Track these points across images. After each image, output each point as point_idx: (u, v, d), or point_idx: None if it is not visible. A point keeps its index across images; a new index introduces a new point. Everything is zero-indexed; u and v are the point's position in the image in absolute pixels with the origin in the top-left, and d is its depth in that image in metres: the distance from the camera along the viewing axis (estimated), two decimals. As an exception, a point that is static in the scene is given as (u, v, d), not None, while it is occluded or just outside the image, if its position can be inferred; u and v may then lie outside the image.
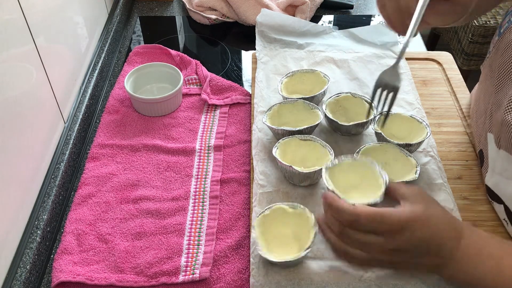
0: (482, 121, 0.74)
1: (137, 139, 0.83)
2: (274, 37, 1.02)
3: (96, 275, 0.64)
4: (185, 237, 0.69)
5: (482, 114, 0.75)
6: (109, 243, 0.68)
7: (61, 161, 0.76)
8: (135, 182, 0.76)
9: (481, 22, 1.92)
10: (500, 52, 0.68)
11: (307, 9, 1.11)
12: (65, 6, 0.84)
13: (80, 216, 0.71)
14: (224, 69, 1.02)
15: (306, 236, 0.62)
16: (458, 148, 0.81)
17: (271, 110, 0.81)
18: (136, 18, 1.17)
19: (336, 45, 1.01)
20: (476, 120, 0.78)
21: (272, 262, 0.62)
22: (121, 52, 1.07)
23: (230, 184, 0.77)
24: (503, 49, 0.68)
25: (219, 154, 0.81)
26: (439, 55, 0.99)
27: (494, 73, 0.69)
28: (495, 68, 0.69)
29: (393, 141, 0.74)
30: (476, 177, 0.76)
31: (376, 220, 0.54)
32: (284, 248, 0.64)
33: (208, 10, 1.14)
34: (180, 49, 1.09)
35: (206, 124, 0.87)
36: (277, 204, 0.66)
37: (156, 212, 0.72)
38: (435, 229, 0.56)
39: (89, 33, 0.96)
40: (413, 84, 0.91)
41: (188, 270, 0.65)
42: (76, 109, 0.85)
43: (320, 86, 0.86)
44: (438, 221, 0.57)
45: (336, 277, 0.62)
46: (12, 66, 0.65)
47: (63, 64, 0.83)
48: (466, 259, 0.56)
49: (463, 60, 2.04)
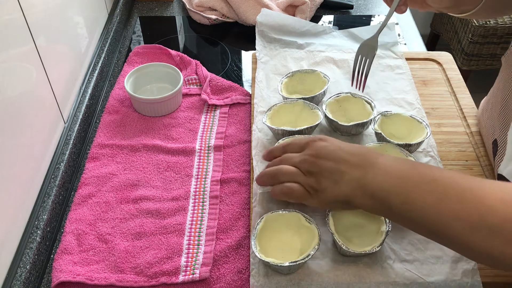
0: (498, 110, 0.74)
1: (137, 139, 0.83)
2: (274, 37, 1.02)
3: (96, 275, 0.64)
4: (185, 237, 0.69)
5: (499, 104, 0.75)
6: (109, 243, 0.68)
7: (61, 161, 0.76)
8: (135, 182, 0.76)
9: (481, 22, 1.92)
10: None
11: (307, 9, 1.11)
12: (65, 6, 0.84)
13: (80, 216, 0.71)
14: (224, 69, 1.02)
15: (308, 245, 0.62)
16: (458, 148, 0.81)
17: (271, 110, 0.81)
18: (136, 18, 1.17)
19: (336, 45, 1.01)
20: (491, 111, 0.78)
21: (272, 267, 0.62)
22: (121, 52, 1.07)
23: (230, 184, 0.77)
24: None
25: (219, 154, 0.81)
26: (439, 55, 0.99)
27: None
28: None
29: (393, 141, 0.74)
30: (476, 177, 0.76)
31: (300, 138, 0.65)
32: (284, 254, 0.64)
33: (208, 10, 1.14)
34: (180, 49, 1.09)
35: (206, 124, 0.87)
36: (293, 211, 0.66)
37: (156, 212, 0.72)
38: (352, 144, 0.62)
39: (89, 33, 0.96)
40: (413, 84, 0.91)
41: (188, 270, 0.65)
42: (76, 109, 0.85)
43: (320, 86, 0.86)
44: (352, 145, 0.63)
45: (336, 277, 0.62)
46: (12, 66, 0.65)
47: (63, 64, 0.83)
48: (388, 164, 0.57)
49: (463, 60, 2.04)
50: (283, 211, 0.66)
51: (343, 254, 0.64)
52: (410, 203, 0.54)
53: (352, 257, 0.64)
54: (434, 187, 0.53)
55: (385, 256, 0.64)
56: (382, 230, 0.63)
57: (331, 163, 0.60)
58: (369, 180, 0.57)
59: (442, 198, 0.52)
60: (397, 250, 0.65)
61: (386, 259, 0.64)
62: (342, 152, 0.60)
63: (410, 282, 0.62)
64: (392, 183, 0.56)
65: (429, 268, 0.63)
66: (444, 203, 0.52)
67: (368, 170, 0.57)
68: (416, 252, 0.65)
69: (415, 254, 0.64)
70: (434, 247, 0.65)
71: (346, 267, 0.63)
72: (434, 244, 0.65)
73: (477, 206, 0.50)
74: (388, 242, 0.65)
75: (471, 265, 0.63)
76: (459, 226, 0.51)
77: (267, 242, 0.64)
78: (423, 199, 0.53)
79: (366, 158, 0.59)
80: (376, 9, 1.22)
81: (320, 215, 0.69)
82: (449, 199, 0.52)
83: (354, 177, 0.58)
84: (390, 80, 0.92)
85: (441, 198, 0.52)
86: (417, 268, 0.63)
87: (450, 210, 0.51)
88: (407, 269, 0.63)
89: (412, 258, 0.64)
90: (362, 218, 0.66)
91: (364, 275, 0.62)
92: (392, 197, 0.55)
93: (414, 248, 0.65)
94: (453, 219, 0.51)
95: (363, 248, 0.62)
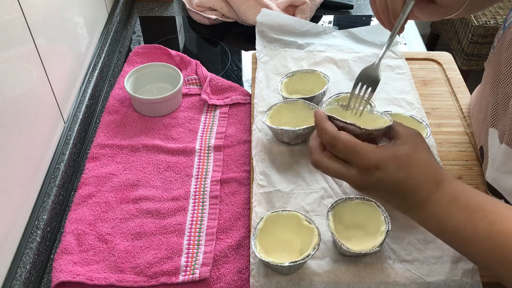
0: (483, 117, 0.74)
1: (137, 139, 0.83)
2: (274, 37, 1.02)
3: (96, 275, 0.64)
4: (185, 237, 0.69)
5: (483, 110, 0.75)
6: (109, 243, 0.68)
7: (61, 161, 0.76)
8: (135, 182, 0.76)
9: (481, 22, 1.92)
10: (505, 46, 0.69)
11: (307, 9, 1.11)
12: (65, 6, 0.84)
13: (80, 216, 0.71)
14: (224, 69, 1.02)
15: (308, 245, 0.62)
16: (458, 148, 0.81)
17: (271, 110, 0.81)
18: (136, 18, 1.17)
19: (336, 45, 1.01)
20: (476, 117, 0.78)
21: (272, 267, 0.62)
22: (121, 52, 1.07)
23: (230, 184, 0.77)
24: (508, 43, 0.68)
25: (219, 154, 0.81)
26: (439, 55, 0.99)
27: (501, 66, 0.69)
28: (501, 62, 0.69)
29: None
30: (476, 177, 0.76)
31: (353, 151, 0.54)
32: (284, 254, 0.64)
33: (208, 10, 1.14)
34: (180, 49, 1.09)
35: (206, 124, 0.87)
36: (293, 211, 0.66)
37: (156, 212, 0.72)
38: (413, 171, 0.54)
39: (89, 33, 0.96)
40: (413, 84, 0.91)
41: (188, 270, 0.65)
42: (76, 109, 0.85)
43: (320, 86, 0.86)
44: (419, 164, 0.54)
45: (336, 277, 0.62)
46: (12, 66, 0.65)
47: (63, 64, 0.83)
48: (440, 205, 0.54)
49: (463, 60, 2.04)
50: (283, 211, 0.66)
51: (343, 254, 0.64)
52: (464, 253, 0.55)
53: (352, 257, 0.64)
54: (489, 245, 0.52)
55: (385, 256, 0.64)
56: (382, 230, 0.63)
57: (382, 194, 0.57)
58: (420, 221, 0.57)
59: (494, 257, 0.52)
60: (397, 250, 0.65)
61: (386, 259, 0.64)
62: (397, 187, 0.55)
63: (410, 282, 0.62)
64: (442, 231, 0.55)
65: (429, 268, 0.63)
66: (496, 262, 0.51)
67: (420, 213, 0.56)
68: (416, 252, 0.65)
69: (415, 254, 0.64)
70: (434, 247, 0.65)
71: (346, 267, 0.63)
72: (434, 244, 0.65)
73: None
74: (388, 242, 0.65)
75: (471, 265, 0.63)
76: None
77: (267, 242, 0.64)
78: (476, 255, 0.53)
79: (421, 195, 0.55)
80: (376, 9, 1.22)
81: (320, 215, 0.69)
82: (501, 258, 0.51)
83: (403, 211, 0.57)
84: (390, 80, 0.92)
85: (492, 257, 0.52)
86: (417, 268, 0.63)
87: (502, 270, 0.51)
88: (407, 269, 0.63)
89: (412, 258, 0.64)
90: (362, 218, 0.66)
91: (364, 275, 0.62)
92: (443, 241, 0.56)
93: (414, 248, 0.65)
94: (503, 274, 0.51)
95: (363, 248, 0.62)
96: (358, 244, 0.63)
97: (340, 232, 0.64)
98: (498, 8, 2.00)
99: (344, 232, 0.65)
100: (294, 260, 0.59)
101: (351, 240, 0.64)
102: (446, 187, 0.54)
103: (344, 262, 0.64)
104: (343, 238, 0.63)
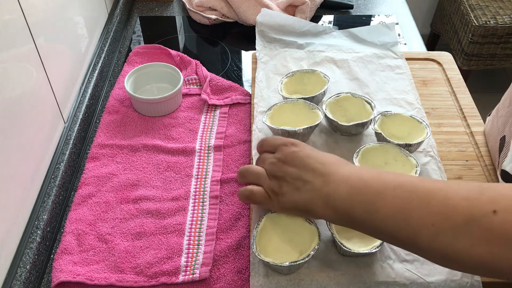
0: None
1: (137, 139, 0.83)
2: (274, 37, 1.02)
3: (96, 275, 0.64)
4: (185, 237, 0.69)
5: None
6: (109, 243, 0.68)
7: (61, 161, 0.76)
8: (135, 182, 0.76)
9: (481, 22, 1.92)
10: None
11: (307, 9, 1.11)
12: (65, 6, 0.84)
13: (80, 216, 0.71)
14: (224, 69, 1.02)
15: (308, 245, 0.62)
16: (458, 148, 0.81)
17: (271, 110, 0.81)
18: (136, 18, 1.17)
19: (336, 45, 1.01)
20: (508, 107, 0.77)
21: (272, 267, 0.62)
22: (121, 52, 1.07)
23: (230, 184, 0.77)
24: None
25: (219, 154, 0.81)
26: (439, 55, 0.99)
27: None
28: None
29: (393, 141, 0.74)
30: (476, 177, 0.76)
31: (276, 138, 0.64)
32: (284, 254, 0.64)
33: (208, 10, 1.14)
34: (180, 49, 1.09)
35: (206, 124, 0.87)
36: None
37: (156, 212, 0.72)
38: (324, 153, 0.61)
39: (89, 33, 0.96)
40: (413, 84, 0.91)
41: (188, 270, 0.65)
42: (76, 109, 0.85)
43: (320, 86, 0.86)
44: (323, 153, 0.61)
45: (336, 277, 0.62)
46: (12, 66, 0.65)
47: (63, 64, 0.83)
48: (352, 172, 0.56)
49: (463, 60, 2.04)
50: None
51: (343, 254, 0.64)
52: (374, 212, 0.51)
53: (352, 257, 0.64)
54: (398, 193, 0.50)
55: (385, 256, 0.64)
56: None
57: (296, 169, 0.58)
58: (330, 191, 0.55)
59: (406, 204, 0.49)
60: (397, 250, 0.65)
61: (386, 259, 0.64)
62: (310, 159, 0.59)
63: (410, 282, 0.62)
64: (354, 192, 0.53)
65: (429, 268, 0.63)
66: (408, 209, 0.49)
67: (330, 180, 0.55)
68: (416, 252, 0.65)
69: (415, 254, 0.64)
70: (434, 247, 0.65)
71: (346, 267, 0.63)
72: (434, 244, 0.65)
73: (441, 208, 0.47)
74: (388, 242, 0.65)
75: (471, 265, 0.63)
76: (426, 231, 0.47)
77: (267, 242, 0.64)
78: (387, 207, 0.50)
79: (330, 167, 0.57)
80: (376, 9, 1.22)
81: None
82: (413, 204, 0.49)
83: (316, 186, 0.56)
84: (390, 80, 0.92)
85: (405, 204, 0.49)
86: (417, 268, 0.63)
87: (416, 216, 0.48)
88: (407, 269, 0.63)
89: (412, 258, 0.64)
90: None
91: (364, 275, 0.62)
92: (355, 207, 0.53)
93: (414, 248, 0.65)
94: (419, 224, 0.48)
95: (363, 248, 0.62)
96: (358, 244, 0.63)
97: (340, 232, 0.64)
98: (498, 8, 2.00)
99: (344, 232, 0.65)
100: (294, 260, 0.59)
101: (351, 240, 0.64)
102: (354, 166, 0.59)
103: (344, 262, 0.64)
104: (343, 238, 0.63)
